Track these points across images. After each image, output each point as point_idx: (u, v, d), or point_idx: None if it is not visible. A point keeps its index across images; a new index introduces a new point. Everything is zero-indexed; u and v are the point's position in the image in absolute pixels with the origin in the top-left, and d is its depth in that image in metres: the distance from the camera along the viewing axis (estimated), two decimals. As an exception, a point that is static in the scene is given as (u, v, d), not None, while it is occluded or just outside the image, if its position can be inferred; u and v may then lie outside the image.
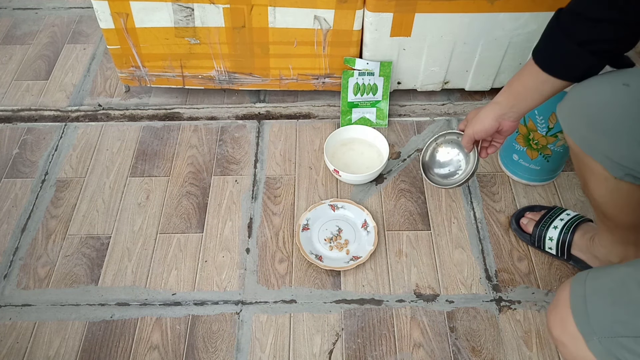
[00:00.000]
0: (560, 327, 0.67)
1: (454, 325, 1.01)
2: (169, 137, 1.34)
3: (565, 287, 0.68)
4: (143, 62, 1.31)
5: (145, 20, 1.21)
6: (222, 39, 1.24)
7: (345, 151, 1.28)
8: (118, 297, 1.06)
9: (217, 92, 1.46)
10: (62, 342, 1.00)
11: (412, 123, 1.37)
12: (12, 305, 1.05)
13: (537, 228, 1.08)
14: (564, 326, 0.66)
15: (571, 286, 0.67)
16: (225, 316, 1.03)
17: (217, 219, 1.18)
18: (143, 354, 0.98)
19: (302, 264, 1.10)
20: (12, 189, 1.24)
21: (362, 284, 1.07)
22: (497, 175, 1.25)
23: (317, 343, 0.99)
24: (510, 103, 0.85)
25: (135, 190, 1.23)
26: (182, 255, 1.12)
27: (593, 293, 0.64)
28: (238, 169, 1.27)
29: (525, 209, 1.16)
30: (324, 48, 1.25)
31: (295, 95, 1.45)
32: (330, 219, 1.17)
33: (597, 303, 0.64)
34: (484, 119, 0.88)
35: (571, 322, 0.65)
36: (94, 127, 1.38)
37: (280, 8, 1.16)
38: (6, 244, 1.14)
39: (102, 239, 1.15)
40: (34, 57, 1.57)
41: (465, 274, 1.09)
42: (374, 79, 1.30)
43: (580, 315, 0.64)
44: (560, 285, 0.71)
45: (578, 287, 0.66)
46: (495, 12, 1.15)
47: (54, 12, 1.73)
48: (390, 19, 1.16)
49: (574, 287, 0.67)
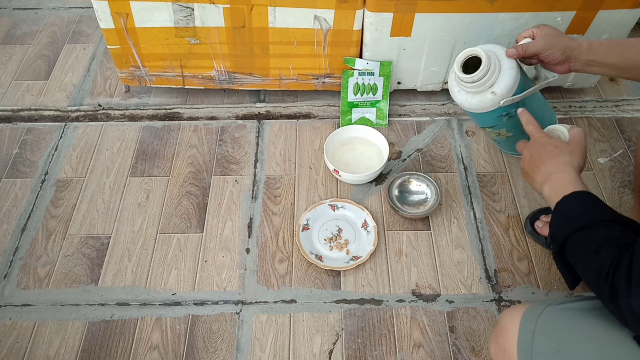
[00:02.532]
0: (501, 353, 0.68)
1: (454, 325, 1.01)
2: (169, 137, 1.34)
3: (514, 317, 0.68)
4: (143, 62, 1.31)
5: (145, 20, 1.21)
6: (222, 38, 1.24)
7: (345, 151, 1.28)
8: (118, 297, 1.06)
9: (217, 92, 1.46)
10: (62, 342, 1.00)
11: (412, 123, 1.37)
12: (12, 305, 1.05)
13: None
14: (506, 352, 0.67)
15: (522, 319, 0.67)
16: (225, 316, 1.03)
17: (217, 218, 1.18)
18: (143, 354, 0.98)
19: (302, 264, 1.10)
20: (12, 189, 1.24)
21: (362, 284, 1.07)
22: (497, 175, 1.25)
23: (317, 343, 0.99)
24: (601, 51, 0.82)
25: (135, 190, 1.23)
26: (182, 255, 1.12)
27: (542, 333, 0.64)
28: (238, 169, 1.27)
29: (539, 211, 1.15)
30: (324, 48, 1.25)
31: (295, 95, 1.45)
32: (330, 219, 1.17)
33: (543, 345, 0.64)
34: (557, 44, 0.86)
35: (514, 351, 0.66)
36: (94, 127, 1.38)
37: (280, 8, 1.16)
38: (6, 244, 1.14)
39: (102, 239, 1.15)
40: (34, 57, 1.57)
41: (465, 274, 1.09)
42: (374, 79, 1.30)
43: (524, 350, 0.65)
44: (506, 313, 0.70)
45: (529, 323, 0.66)
46: (495, 12, 1.15)
47: (54, 12, 1.73)
48: (390, 19, 1.16)
49: (524, 321, 0.66)
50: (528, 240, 1.13)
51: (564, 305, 0.67)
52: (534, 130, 0.83)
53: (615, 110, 1.39)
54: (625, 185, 1.22)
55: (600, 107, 1.39)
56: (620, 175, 1.24)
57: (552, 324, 0.65)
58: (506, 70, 0.94)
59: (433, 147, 1.31)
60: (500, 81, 0.94)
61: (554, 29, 0.89)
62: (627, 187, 1.22)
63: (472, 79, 0.94)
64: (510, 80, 0.93)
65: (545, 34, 0.89)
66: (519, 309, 0.68)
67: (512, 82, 0.94)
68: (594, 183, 1.23)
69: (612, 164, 1.27)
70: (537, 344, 0.64)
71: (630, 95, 1.42)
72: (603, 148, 1.30)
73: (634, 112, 1.38)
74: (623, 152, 1.29)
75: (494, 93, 0.95)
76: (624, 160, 1.27)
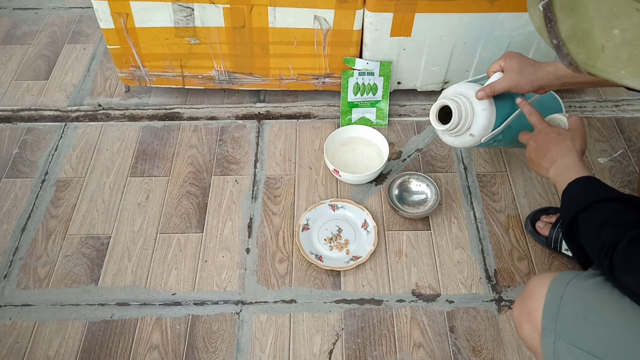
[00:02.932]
0: (525, 314, 0.70)
1: (454, 325, 1.01)
2: (169, 137, 1.34)
3: (543, 282, 0.69)
4: (143, 62, 1.31)
5: (145, 20, 1.21)
6: (222, 38, 1.24)
7: (345, 151, 1.28)
8: (118, 297, 1.06)
9: (217, 92, 1.46)
10: (62, 342, 1.00)
11: (412, 123, 1.37)
12: (12, 305, 1.05)
13: (553, 230, 1.07)
14: (530, 314, 0.69)
15: (551, 283, 0.68)
16: (225, 316, 1.03)
17: (217, 218, 1.18)
18: (143, 354, 0.98)
19: (302, 264, 1.10)
20: (12, 189, 1.24)
21: (362, 284, 1.07)
22: (497, 175, 1.25)
23: (317, 343, 0.99)
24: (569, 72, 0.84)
25: (135, 190, 1.23)
26: (182, 255, 1.12)
27: (570, 299, 0.66)
28: (238, 169, 1.27)
29: (540, 211, 1.15)
30: (324, 48, 1.25)
31: (295, 95, 1.45)
32: (330, 219, 1.17)
33: (570, 309, 0.65)
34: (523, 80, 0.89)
35: (539, 313, 0.67)
36: (94, 127, 1.38)
37: (280, 8, 1.16)
38: (6, 244, 1.14)
39: (102, 239, 1.15)
40: (34, 57, 1.57)
41: (465, 273, 1.09)
42: (374, 79, 1.30)
43: (550, 313, 0.66)
44: (535, 278, 0.72)
45: (558, 287, 0.67)
46: (495, 12, 1.15)
47: (54, 12, 1.73)
48: (390, 19, 1.16)
49: (554, 285, 0.68)
50: (528, 240, 1.13)
51: (593, 276, 0.68)
52: (537, 121, 0.88)
53: (615, 110, 1.39)
54: (626, 185, 1.22)
55: (600, 107, 1.39)
56: (620, 175, 1.24)
57: (581, 292, 0.65)
58: (479, 112, 0.96)
59: (433, 147, 1.31)
60: (475, 124, 0.96)
61: (520, 61, 0.92)
62: (627, 187, 1.22)
63: (447, 128, 0.97)
64: (485, 122, 0.96)
65: (511, 70, 0.92)
66: (549, 274, 0.70)
67: (486, 123, 0.96)
68: (594, 183, 1.23)
69: (612, 164, 1.27)
70: (564, 309, 0.65)
71: (631, 95, 1.42)
72: (603, 148, 1.30)
73: (634, 112, 1.38)
74: (623, 152, 1.29)
75: (472, 135, 0.98)
76: (624, 160, 1.27)
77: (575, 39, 0.50)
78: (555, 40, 0.51)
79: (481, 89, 0.94)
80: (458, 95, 0.97)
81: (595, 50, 0.48)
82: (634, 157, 1.28)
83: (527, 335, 0.70)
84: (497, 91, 0.93)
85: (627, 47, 0.46)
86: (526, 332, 0.70)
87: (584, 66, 0.50)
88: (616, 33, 0.47)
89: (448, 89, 1.02)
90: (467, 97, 0.96)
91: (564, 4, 0.51)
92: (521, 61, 0.91)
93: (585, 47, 0.49)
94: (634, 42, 0.46)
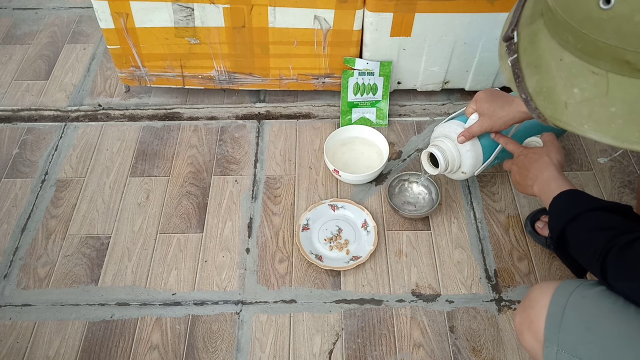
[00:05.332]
0: (527, 324, 0.70)
1: (454, 325, 1.01)
2: (169, 137, 1.34)
3: (546, 290, 0.69)
4: (143, 62, 1.31)
5: (145, 20, 1.21)
6: (222, 38, 1.24)
7: (345, 151, 1.28)
8: (118, 297, 1.06)
9: (217, 92, 1.46)
10: (62, 342, 1.00)
11: (412, 123, 1.37)
12: (12, 305, 1.05)
13: None
14: (532, 323, 0.69)
15: (554, 292, 0.68)
16: (225, 316, 1.03)
17: (217, 219, 1.18)
18: (143, 354, 0.98)
19: (302, 264, 1.10)
20: (12, 189, 1.24)
21: (362, 284, 1.07)
22: (497, 175, 1.25)
23: (317, 343, 0.99)
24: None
25: (135, 190, 1.23)
26: (182, 255, 1.12)
27: (573, 309, 0.65)
28: (238, 169, 1.27)
29: (539, 211, 1.15)
30: (324, 48, 1.25)
31: (295, 95, 1.45)
32: (330, 219, 1.17)
33: (573, 320, 0.65)
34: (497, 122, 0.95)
35: (541, 323, 0.67)
36: (94, 127, 1.38)
37: (280, 8, 1.16)
38: (6, 244, 1.14)
39: (102, 239, 1.15)
40: (34, 57, 1.57)
41: (465, 273, 1.09)
42: (374, 79, 1.30)
43: (552, 323, 0.66)
44: (537, 286, 0.71)
45: (561, 297, 0.67)
46: (495, 12, 1.15)
47: (54, 12, 1.73)
48: (390, 19, 1.16)
49: (557, 294, 0.67)
50: (528, 240, 1.14)
51: (596, 284, 0.67)
52: (514, 148, 0.95)
53: (615, 110, 1.39)
54: (626, 185, 1.22)
55: (600, 107, 1.39)
56: (620, 175, 1.24)
57: (584, 302, 0.65)
58: (464, 153, 1.03)
59: (433, 147, 1.31)
60: (464, 163, 1.04)
61: (490, 104, 0.95)
62: (627, 187, 1.22)
63: (438, 173, 1.07)
64: (472, 161, 1.03)
65: (483, 115, 0.97)
66: (552, 283, 0.70)
67: (474, 161, 1.03)
68: (594, 183, 1.23)
69: (612, 164, 1.27)
70: (567, 320, 0.65)
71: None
72: (603, 148, 1.30)
73: (634, 112, 1.38)
74: (623, 152, 1.29)
75: (464, 172, 1.06)
76: (624, 160, 1.27)
77: (541, 94, 0.53)
78: (524, 95, 0.55)
79: (461, 134, 1.01)
80: (443, 140, 1.04)
81: (560, 106, 0.51)
82: (633, 157, 1.28)
83: (529, 345, 0.70)
84: (475, 134, 1.00)
85: (587, 104, 0.49)
86: (528, 341, 0.70)
87: (551, 119, 0.53)
88: (576, 92, 0.50)
89: (435, 129, 1.09)
90: (452, 140, 1.03)
91: (529, 62, 0.54)
92: (491, 103, 0.95)
93: (550, 103, 0.52)
94: (593, 100, 0.49)
